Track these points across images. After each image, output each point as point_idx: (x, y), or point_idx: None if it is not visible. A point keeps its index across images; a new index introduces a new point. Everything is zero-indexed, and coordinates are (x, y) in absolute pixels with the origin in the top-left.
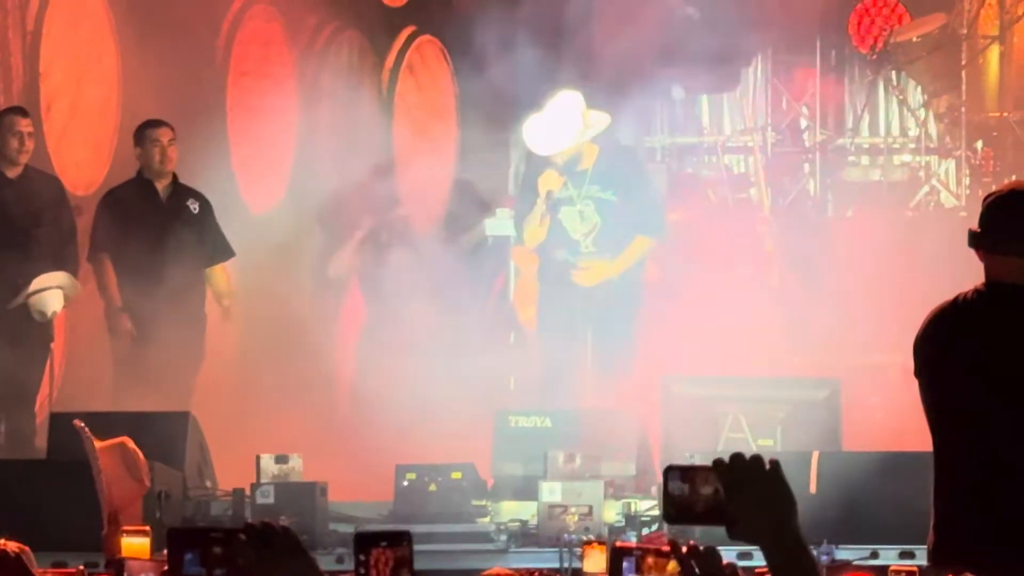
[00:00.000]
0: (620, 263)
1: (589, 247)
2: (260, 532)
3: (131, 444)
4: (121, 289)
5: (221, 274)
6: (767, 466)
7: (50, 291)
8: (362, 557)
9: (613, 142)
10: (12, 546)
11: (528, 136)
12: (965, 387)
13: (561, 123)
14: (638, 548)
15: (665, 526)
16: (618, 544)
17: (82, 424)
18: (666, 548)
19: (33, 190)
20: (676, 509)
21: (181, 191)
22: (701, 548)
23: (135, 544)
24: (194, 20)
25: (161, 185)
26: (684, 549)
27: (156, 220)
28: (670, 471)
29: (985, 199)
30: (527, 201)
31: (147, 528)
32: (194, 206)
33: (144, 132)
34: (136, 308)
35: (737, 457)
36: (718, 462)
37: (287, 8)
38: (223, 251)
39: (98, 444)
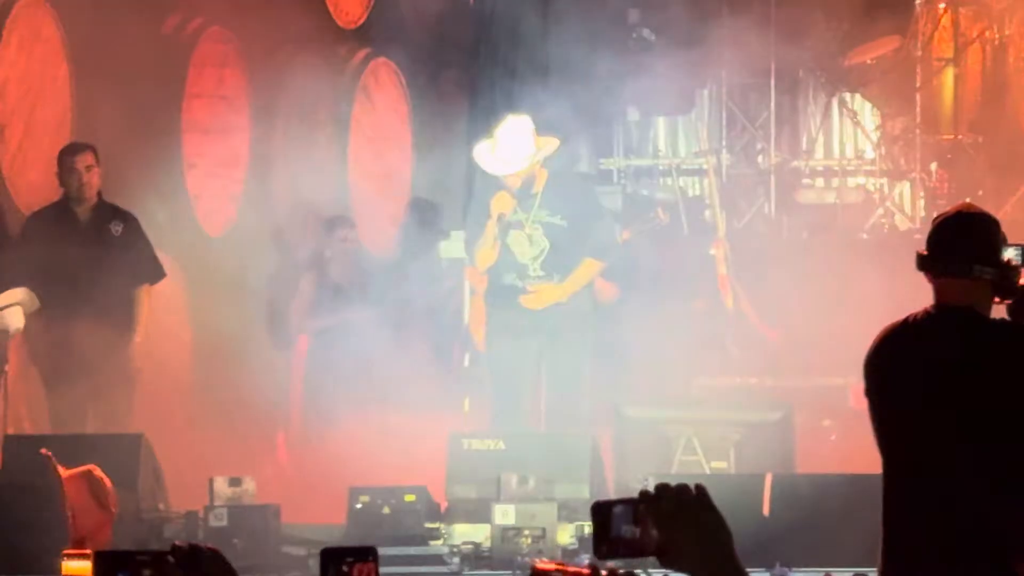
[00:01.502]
0: (568, 287)
1: (537, 271)
2: (188, 554)
3: (98, 472)
4: (44, 313)
5: (142, 301)
6: (694, 493)
7: (10, 308)
8: (343, 569)
9: (563, 165)
10: None
11: (481, 159)
12: (912, 408)
13: (512, 146)
14: (557, 570)
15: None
16: (538, 566)
17: (49, 453)
18: (586, 571)
19: None
20: (628, 550)
21: (104, 214)
22: (621, 572)
23: (76, 568)
24: (148, 42)
25: (81, 209)
26: (604, 574)
27: (75, 244)
28: (611, 509)
29: (933, 222)
30: (478, 223)
31: (88, 552)
32: (117, 228)
33: (63, 158)
34: (58, 333)
35: (663, 487)
36: (644, 494)
37: (242, 30)
38: (151, 273)
39: (64, 472)
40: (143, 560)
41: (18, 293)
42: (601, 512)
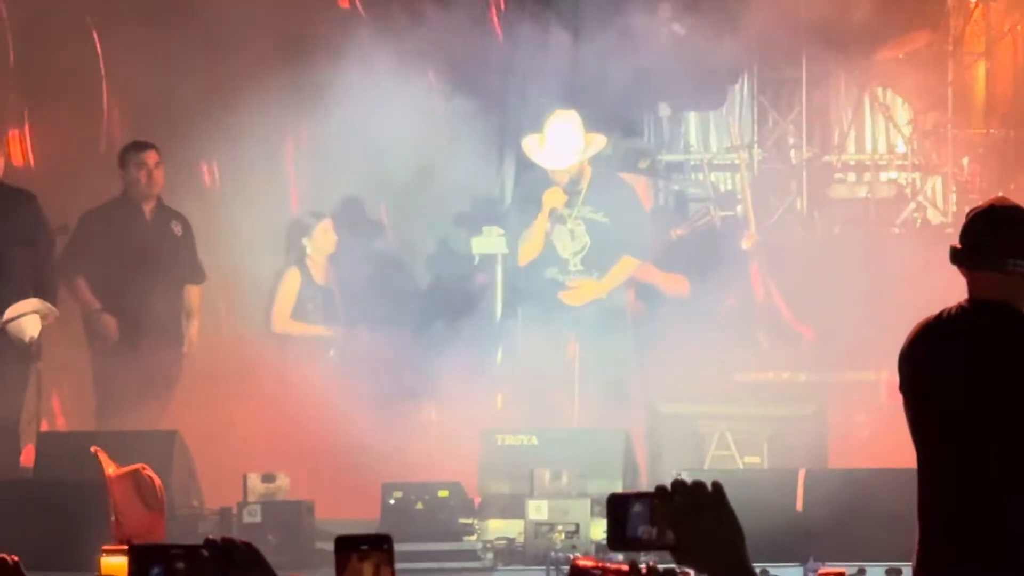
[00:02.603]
0: (607, 283)
1: (577, 266)
2: (221, 548)
3: (147, 471)
4: (106, 306)
5: (195, 298)
6: (710, 490)
7: (26, 317)
8: (344, 558)
9: (604, 163)
10: (9, 557)
11: (530, 152)
12: (947, 402)
13: (562, 141)
14: (597, 567)
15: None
16: (578, 563)
17: (98, 450)
18: (625, 568)
19: (6, 208)
20: (643, 547)
21: (165, 213)
22: (661, 569)
23: (114, 564)
24: (182, 42)
25: (147, 207)
26: (643, 569)
27: (139, 240)
28: (629, 506)
29: (966, 215)
30: (523, 217)
31: (126, 547)
32: (177, 228)
33: (130, 154)
34: (122, 329)
35: (679, 484)
36: (660, 489)
37: (279, 27)
38: (199, 274)
39: (112, 471)
40: (177, 554)
41: (32, 303)
42: (617, 506)
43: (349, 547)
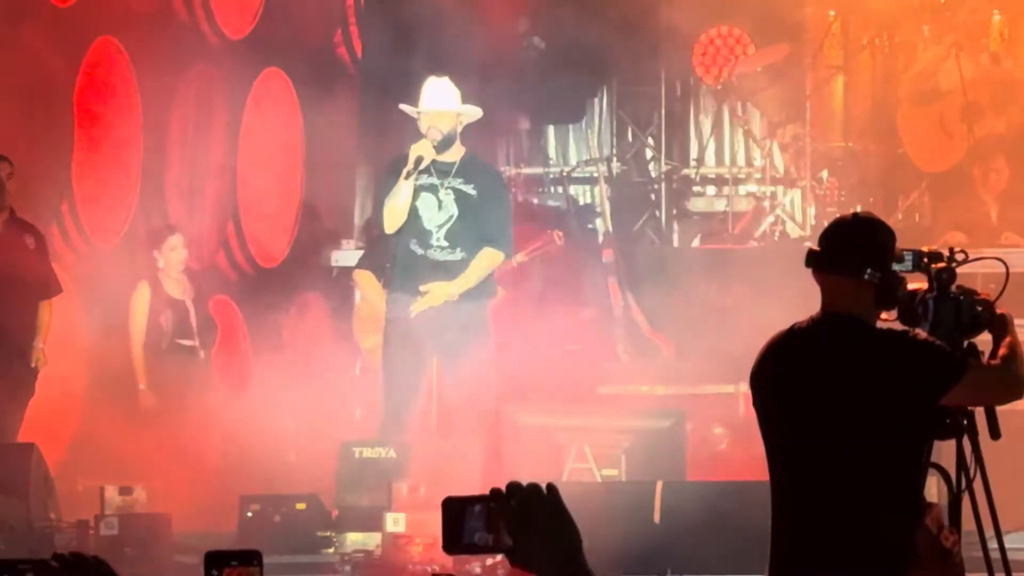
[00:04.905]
0: (462, 282)
1: (440, 241)
2: (71, 562)
3: None
4: None
5: (46, 312)
6: (546, 493)
7: None
8: (213, 574)
9: (477, 155)
10: None
11: (411, 110)
12: (797, 417)
13: (439, 91)
14: None
15: None
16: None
17: None
18: None
19: None
20: (478, 552)
21: (17, 226)
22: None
23: None
24: (39, 52)
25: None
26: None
27: None
28: (464, 510)
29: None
30: (391, 185)
31: None
32: (30, 241)
33: None
34: None
35: (514, 487)
36: (496, 493)
37: (133, 41)
38: (54, 288)
39: None
40: (24, 568)
41: None
42: (453, 510)
43: (218, 563)
